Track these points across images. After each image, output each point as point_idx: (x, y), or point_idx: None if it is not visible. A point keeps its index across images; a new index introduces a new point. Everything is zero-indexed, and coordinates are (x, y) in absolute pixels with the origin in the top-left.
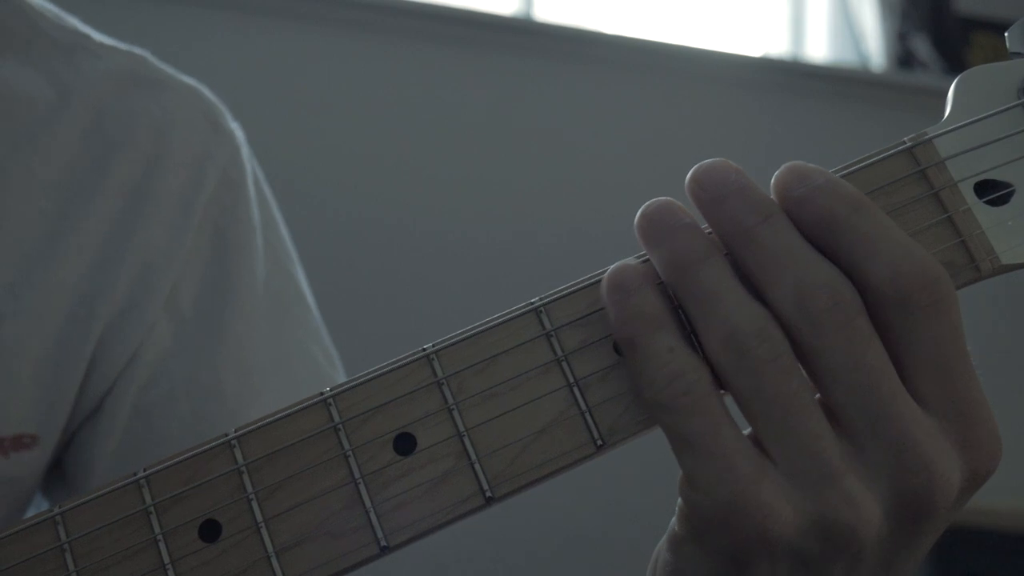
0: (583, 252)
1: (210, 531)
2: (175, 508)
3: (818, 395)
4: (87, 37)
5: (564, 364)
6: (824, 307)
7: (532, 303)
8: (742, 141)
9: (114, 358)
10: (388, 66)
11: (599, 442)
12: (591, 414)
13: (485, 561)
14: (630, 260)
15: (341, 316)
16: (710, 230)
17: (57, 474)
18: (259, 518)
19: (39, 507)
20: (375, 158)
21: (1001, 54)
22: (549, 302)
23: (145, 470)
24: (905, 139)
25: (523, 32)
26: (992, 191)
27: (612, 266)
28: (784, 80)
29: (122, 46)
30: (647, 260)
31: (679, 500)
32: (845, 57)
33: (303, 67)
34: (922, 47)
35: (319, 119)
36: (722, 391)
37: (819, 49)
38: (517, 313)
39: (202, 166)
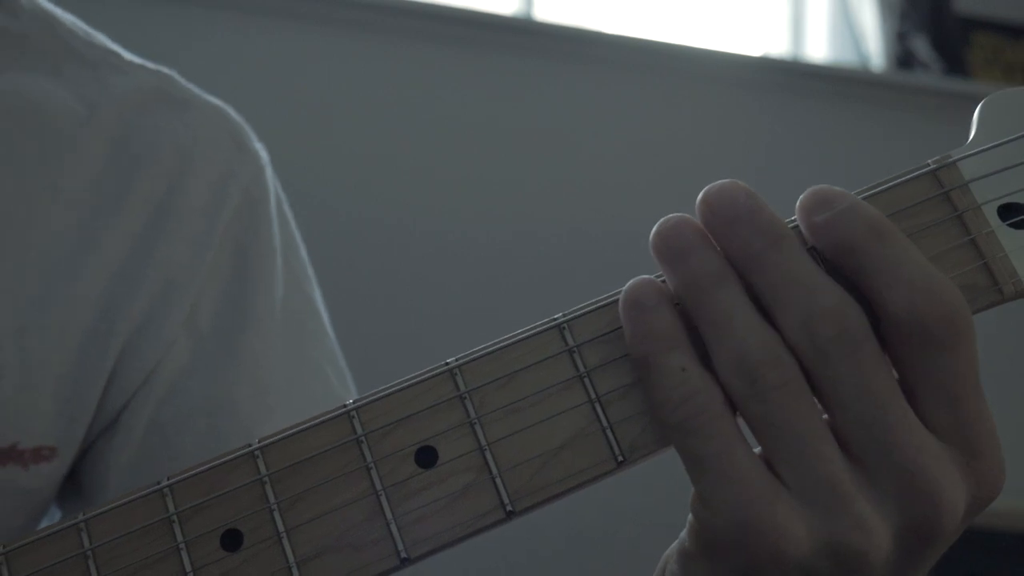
0: (583, 252)
1: (232, 540)
2: (197, 517)
3: (827, 416)
4: (116, 55)
5: (586, 380)
6: (830, 334)
7: (555, 319)
8: (742, 141)
9: (132, 373)
10: (388, 66)
11: (620, 458)
12: (612, 430)
13: (488, 559)
14: (648, 277)
15: (341, 316)
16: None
17: (71, 486)
18: (281, 528)
19: (53, 517)
20: (375, 158)
21: (1001, 54)
22: (572, 318)
23: (169, 479)
24: (929, 161)
25: (523, 32)
26: (1016, 214)
27: (631, 281)
28: (784, 80)
29: (149, 64)
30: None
31: (690, 516)
32: (845, 57)
33: (303, 67)
34: (922, 47)
35: (319, 119)
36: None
37: (819, 49)
38: (540, 329)
39: (225, 185)
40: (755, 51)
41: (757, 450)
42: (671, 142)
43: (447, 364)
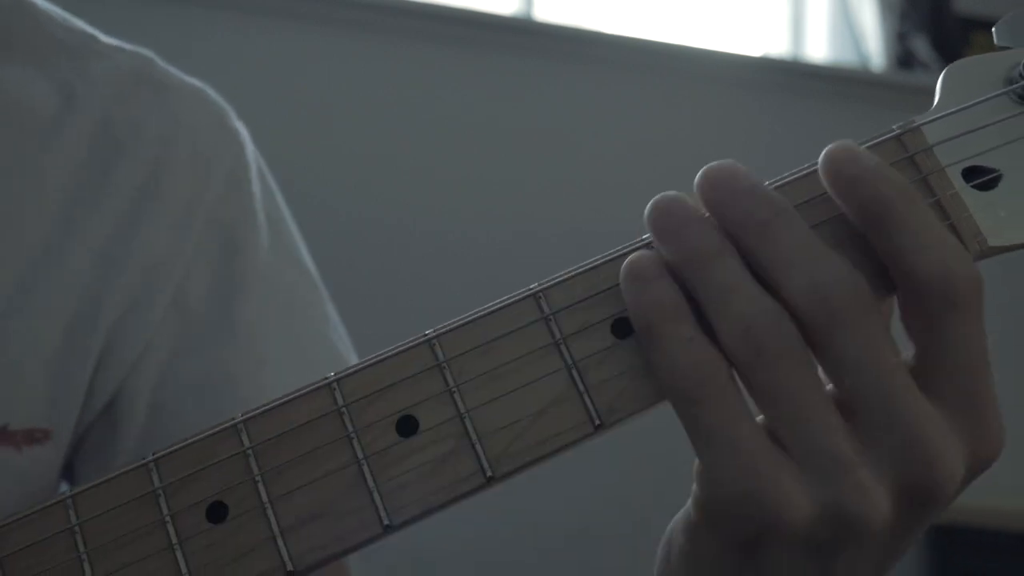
0: (583, 252)
1: (217, 512)
2: (183, 491)
3: (830, 386)
4: (94, 38)
5: (562, 347)
6: (841, 301)
7: (531, 288)
8: (742, 141)
9: (121, 356)
10: (388, 66)
11: (597, 422)
12: (589, 395)
13: (485, 554)
14: (646, 250)
15: (340, 316)
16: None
17: (70, 477)
18: (265, 499)
19: None
20: (375, 158)
21: None
22: (548, 287)
23: (154, 454)
24: (894, 127)
25: (523, 32)
26: (979, 175)
27: (631, 255)
28: (784, 80)
29: (128, 47)
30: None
31: (694, 486)
32: (845, 57)
33: (303, 67)
34: (922, 47)
35: (319, 119)
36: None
37: (819, 49)
38: (517, 298)
39: (208, 166)
40: (755, 51)
41: (759, 418)
42: (671, 142)
43: (425, 335)
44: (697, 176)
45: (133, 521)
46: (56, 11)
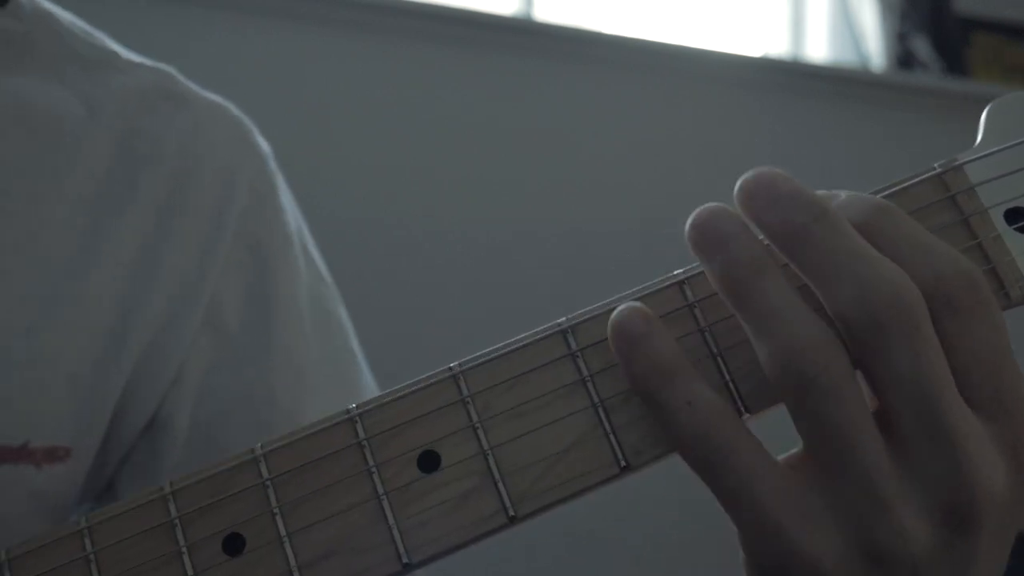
0: (583, 252)
1: (234, 544)
2: (200, 521)
3: (871, 397)
4: (115, 54)
5: (589, 384)
6: (893, 312)
7: (559, 323)
8: (742, 141)
9: (157, 374)
10: (388, 66)
11: (623, 463)
12: (615, 435)
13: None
14: (635, 304)
15: None
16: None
17: (111, 497)
18: (283, 532)
19: None
20: (375, 158)
21: (1001, 54)
22: (576, 323)
23: (171, 484)
24: (935, 165)
25: (523, 32)
26: (1022, 218)
27: (616, 311)
28: (784, 80)
29: (148, 62)
30: (654, 292)
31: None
32: (845, 57)
33: (302, 67)
34: (922, 47)
35: (318, 119)
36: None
37: (819, 49)
38: (544, 334)
39: (231, 180)
40: (755, 51)
41: (786, 453)
42: (671, 142)
43: (450, 369)
44: (736, 185)
45: (149, 551)
46: (79, 25)
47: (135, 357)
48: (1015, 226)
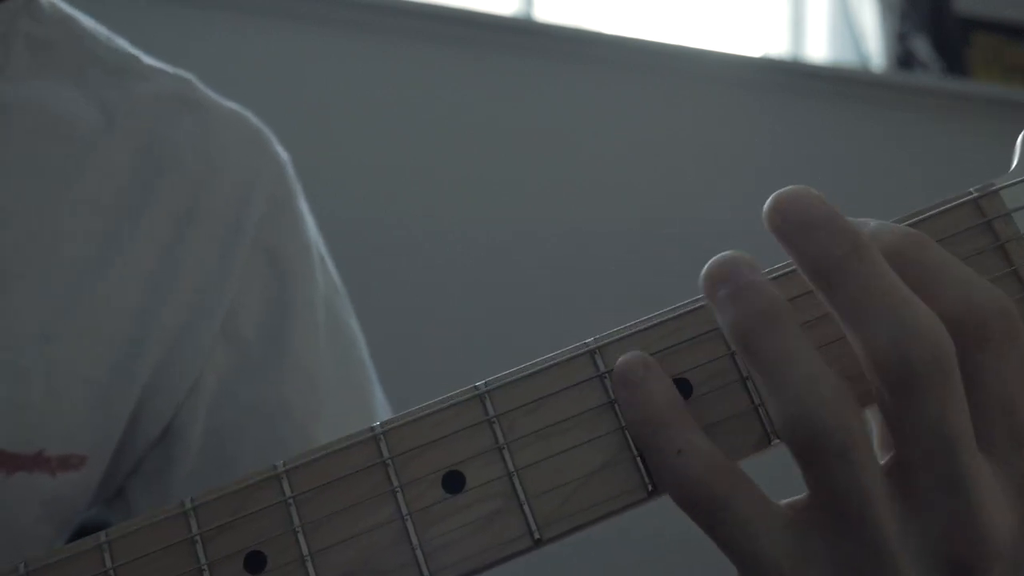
0: (583, 252)
1: (255, 563)
2: (221, 538)
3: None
4: (136, 59)
5: (617, 407)
6: (928, 357)
7: (587, 344)
8: (742, 141)
9: (173, 383)
10: (388, 66)
11: (650, 487)
12: (643, 459)
13: None
14: (638, 352)
15: None
16: (793, 266)
17: (122, 505)
18: (305, 551)
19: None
20: (375, 158)
21: (1001, 54)
22: (604, 344)
23: (192, 499)
24: (971, 189)
25: (523, 32)
26: None
27: (620, 359)
28: (784, 80)
29: (169, 69)
30: (684, 315)
31: None
32: (845, 57)
33: (302, 67)
34: (922, 47)
35: (319, 120)
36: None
37: (819, 49)
38: (572, 354)
39: (250, 188)
40: (755, 51)
41: (791, 498)
42: (671, 142)
43: (476, 388)
44: (767, 204)
45: (169, 568)
46: (100, 30)
47: (152, 365)
48: None
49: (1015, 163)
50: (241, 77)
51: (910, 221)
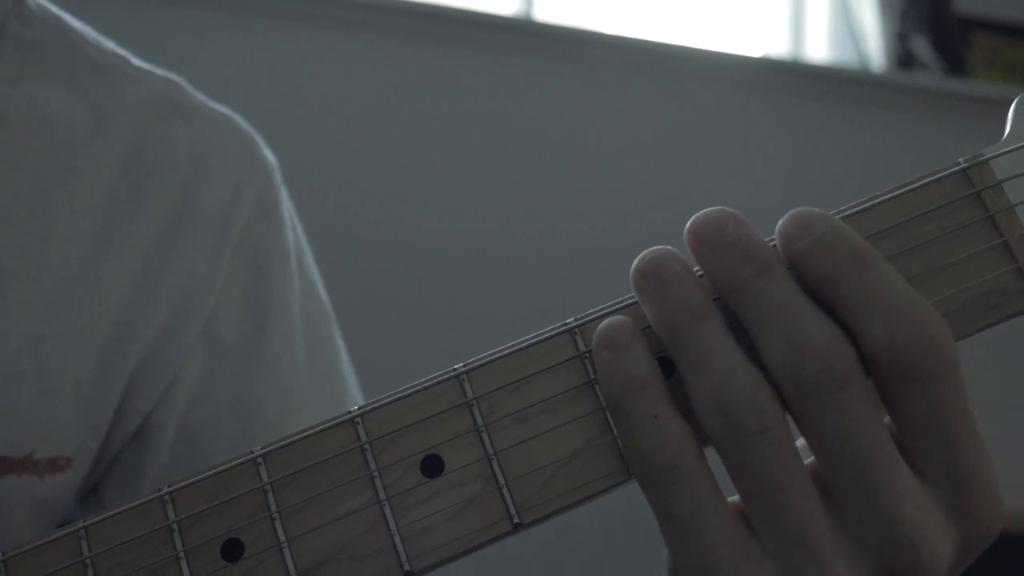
0: (583, 252)
1: (232, 550)
2: (198, 525)
3: (811, 459)
4: (126, 60)
5: (597, 387)
6: (816, 369)
7: (567, 324)
8: (742, 141)
9: (154, 381)
10: (388, 66)
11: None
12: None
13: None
14: (623, 317)
15: (340, 316)
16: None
17: (95, 499)
18: (282, 538)
19: None
20: (375, 158)
21: (1001, 54)
22: (584, 323)
23: (169, 486)
24: (960, 160)
25: (523, 32)
26: None
27: (605, 320)
28: (784, 80)
29: (158, 71)
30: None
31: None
32: (845, 57)
33: (302, 68)
34: (922, 48)
35: (318, 120)
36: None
37: (819, 49)
38: (551, 334)
39: (239, 192)
40: (755, 51)
41: (733, 498)
42: (671, 142)
43: (455, 370)
44: (687, 224)
45: (147, 556)
46: (90, 32)
47: (133, 364)
48: None
49: (1007, 133)
50: (241, 77)
51: (895, 193)
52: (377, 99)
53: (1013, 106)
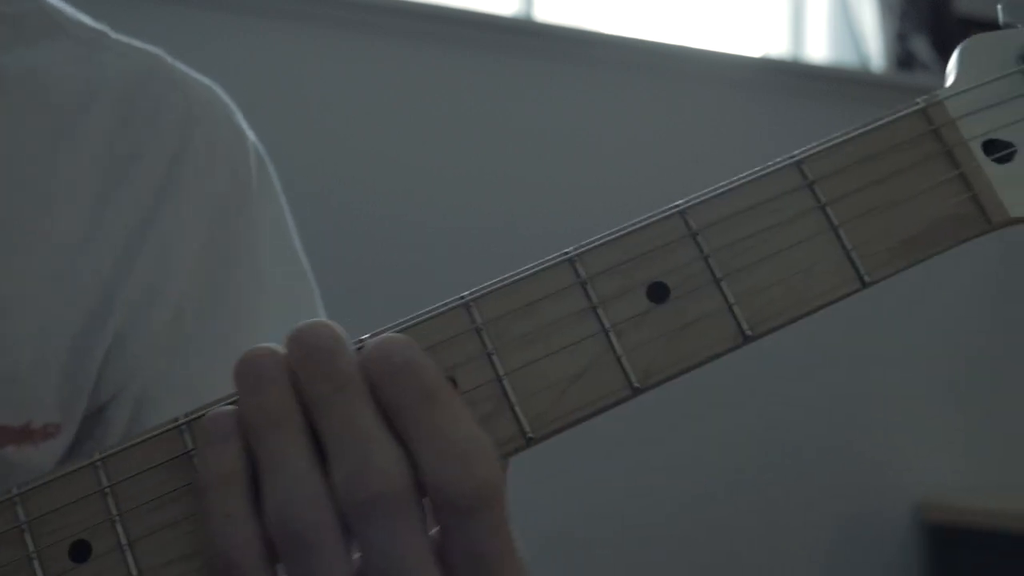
0: None
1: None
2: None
3: None
4: (104, 34)
5: (599, 310)
6: (369, 493)
7: (566, 253)
8: (742, 142)
9: (129, 352)
10: (388, 66)
11: (636, 384)
12: (626, 358)
13: None
14: (227, 406)
15: (340, 315)
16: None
17: None
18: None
19: None
20: (375, 158)
21: None
22: (583, 252)
23: (186, 415)
24: (918, 100)
25: (523, 32)
26: (999, 149)
27: (209, 411)
28: (784, 80)
29: (137, 43)
30: (655, 223)
31: None
32: (845, 57)
33: (302, 68)
34: (922, 48)
35: (318, 120)
36: None
37: (819, 49)
38: (552, 263)
39: (217, 159)
40: (755, 51)
41: None
42: (671, 142)
43: (462, 298)
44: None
45: (167, 483)
46: (67, 7)
47: (112, 333)
48: (993, 156)
49: (953, 77)
50: (241, 77)
51: (861, 131)
52: (377, 99)
53: (956, 53)
